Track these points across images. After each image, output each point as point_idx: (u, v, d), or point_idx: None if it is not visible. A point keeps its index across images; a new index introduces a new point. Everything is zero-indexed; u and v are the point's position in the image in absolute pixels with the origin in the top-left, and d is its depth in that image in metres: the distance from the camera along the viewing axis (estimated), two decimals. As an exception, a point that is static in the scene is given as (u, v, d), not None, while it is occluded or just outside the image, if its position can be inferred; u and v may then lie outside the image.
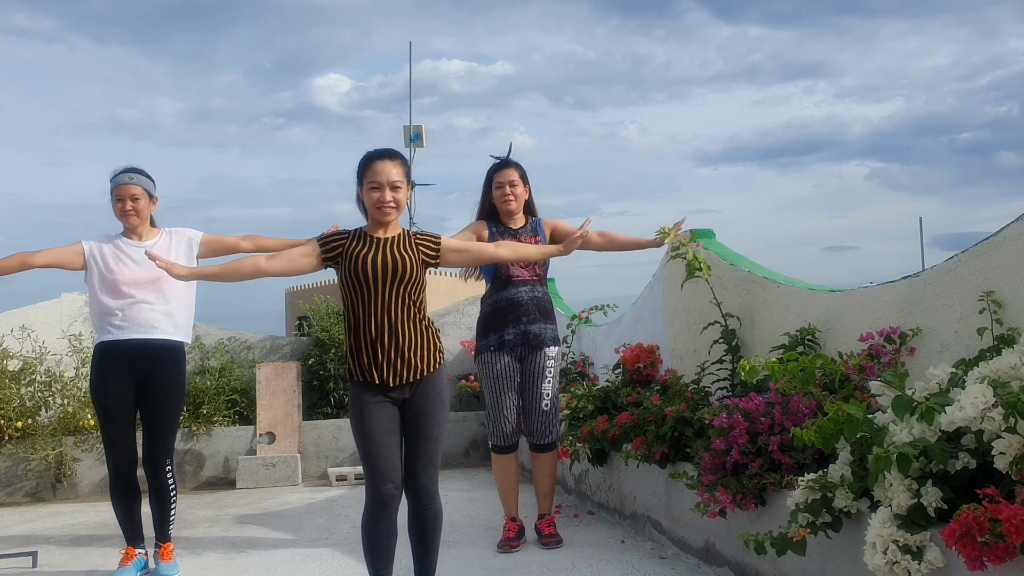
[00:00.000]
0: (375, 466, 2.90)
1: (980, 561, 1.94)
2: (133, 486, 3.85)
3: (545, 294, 4.19)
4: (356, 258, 2.92)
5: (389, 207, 2.96)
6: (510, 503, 4.19)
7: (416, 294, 2.98)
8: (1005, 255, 2.74)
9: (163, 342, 3.82)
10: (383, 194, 2.95)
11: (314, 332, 7.52)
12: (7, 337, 6.53)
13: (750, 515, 3.11)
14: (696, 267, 4.11)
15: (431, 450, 2.98)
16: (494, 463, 4.23)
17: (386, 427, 2.93)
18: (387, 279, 2.91)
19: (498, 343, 4.09)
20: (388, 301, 2.92)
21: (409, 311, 2.95)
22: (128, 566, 3.83)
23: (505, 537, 4.09)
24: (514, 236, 4.11)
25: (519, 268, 4.09)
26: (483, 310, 4.20)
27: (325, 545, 4.34)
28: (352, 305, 2.95)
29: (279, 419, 6.59)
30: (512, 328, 4.07)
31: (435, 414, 3.00)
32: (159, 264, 3.06)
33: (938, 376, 2.39)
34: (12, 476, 6.19)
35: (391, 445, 2.93)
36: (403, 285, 2.93)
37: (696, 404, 3.79)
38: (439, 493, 3.02)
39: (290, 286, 15.54)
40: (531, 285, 4.11)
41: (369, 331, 2.91)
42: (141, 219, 3.90)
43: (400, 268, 2.92)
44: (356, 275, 2.91)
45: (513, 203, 4.13)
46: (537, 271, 4.14)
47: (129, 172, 3.89)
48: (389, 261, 2.91)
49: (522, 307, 4.08)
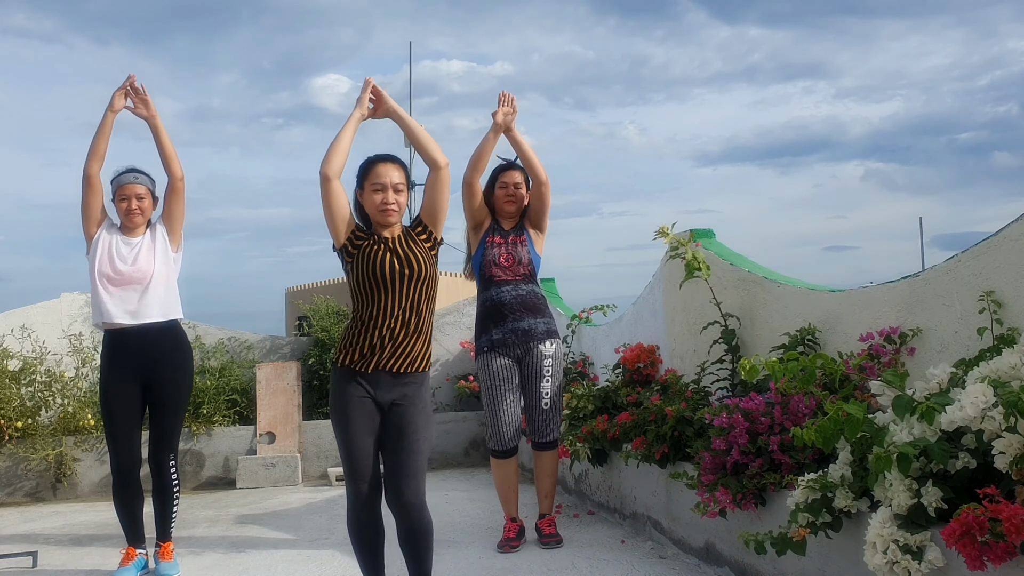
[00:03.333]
0: (354, 465, 2.90)
1: (980, 561, 1.94)
2: (136, 485, 3.86)
3: (532, 291, 4.19)
4: (376, 259, 2.91)
5: (392, 209, 2.96)
6: (510, 504, 4.19)
7: (429, 291, 2.97)
8: (1005, 255, 2.74)
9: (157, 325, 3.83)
10: (387, 195, 2.95)
11: (314, 332, 7.51)
12: (7, 337, 6.53)
13: (750, 515, 3.11)
14: (696, 267, 4.11)
15: (416, 463, 2.90)
16: (493, 467, 4.24)
17: (365, 426, 2.90)
18: (405, 280, 2.90)
19: (489, 344, 4.12)
20: (403, 300, 2.90)
21: (420, 308, 2.94)
22: (129, 566, 3.82)
23: (505, 537, 4.09)
24: (503, 235, 4.18)
25: (500, 269, 4.13)
26: (476, 310, 4.27)
27: (325, 545, 4.34)
28: (368, 305, 2.91)
29: (279, 419, 6.59)
30: (499, 328, 4.10)
31: (420, 425, 2.94)
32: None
33: (938, 376, 2.39)
34: (12, 476, 6.18)
35: (369, 445, 2.91)
36: (418, 283, 2.93)
37: (696, 404, 3.79)
38: (427, 506, 2.95)
39: (290, 286, 15.53)
40: (514, 284, 4.13)
41: (381, 330, 2.88)
42: (144, 218, 3.92)
43: (418, 268, 2.92)
44: (376, 275, 2.89)
45: (514, 205, 4.20)
46: (521, 271, 4.15)
47: (132, 172, 3.90)
48: (404, 263, 2.91)
49: (506, 306, 4.10)
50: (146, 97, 3.87)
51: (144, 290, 3.82)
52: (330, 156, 2.96)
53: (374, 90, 3.08)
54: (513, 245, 4.17)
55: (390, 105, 3.09)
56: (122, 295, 3.79)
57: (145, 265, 3.83)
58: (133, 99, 3.87)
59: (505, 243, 4.16)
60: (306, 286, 14.37)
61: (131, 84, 3.83)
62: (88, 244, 3.88)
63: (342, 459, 2.95)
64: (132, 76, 3.82)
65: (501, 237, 4.18)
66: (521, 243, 4.19)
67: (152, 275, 3.83)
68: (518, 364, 4.14)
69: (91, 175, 3.81)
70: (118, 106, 3.83)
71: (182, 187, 3.93)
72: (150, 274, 3.83)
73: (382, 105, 3.10)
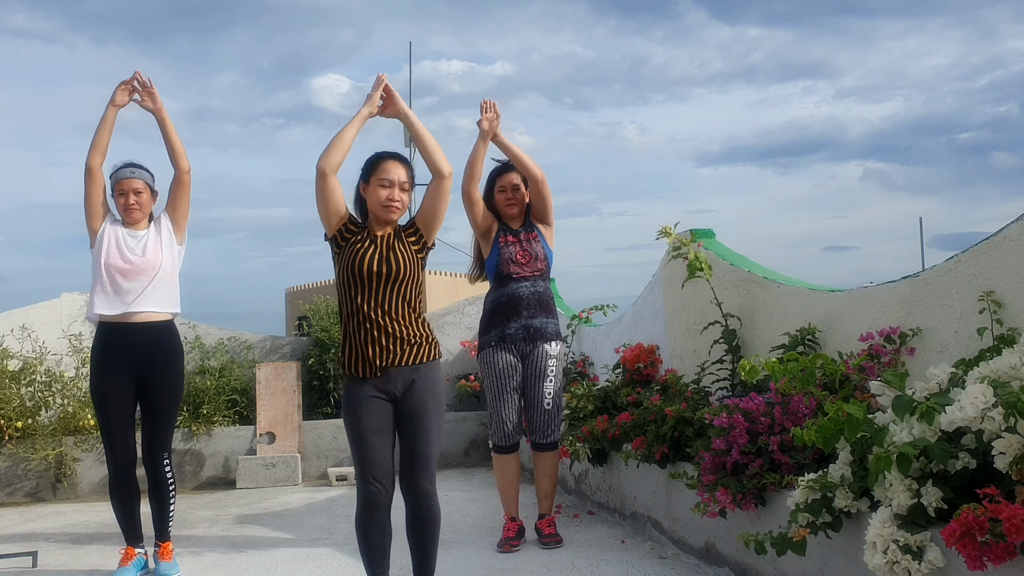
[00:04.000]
0: (365, 465, 2.90)
1: (980, 561, 1.94)
2: (132, 484, 3.86)
3: (547, 289, 4.22)
4: (360, 255, 2.92)
5: (396, 206, 2.97)
6: (510, 503, 4.19)
7: (411, 293, 2.96)
8: (1005, 255, 2.74)
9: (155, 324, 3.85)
10: (392, 192, 2.96)
11: (314, 332, 7.52)
12: (7, 337, 6.53)
13: (750, 515, 3.11)
14: (696, 267, 4.12)
15: (428, 451, 2.94)
16: (495, 463, 4.24)
17: (377, 425, 2.91)
18: (382, 278, 2.90)
19: (499, 338, 4.12)
20: (383, 299, 2.91)
21: (403, 309, 2.93)
22: (128, 566, 3.83)
23: (505, 536, 4.09)
24: (515, 234, 4.20)
25: (519, 266, 4.13)
26: (485, 307, 4.25)
27: (325, 545, 4.34)
28: (348, 299, 2.94)
29: (279, 419, 6.59)
30: (514, 322, 4.11)
31: (431, 413, 2.96)
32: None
33: (938, 376, 2.39)
34: (12, 476, 6.19)
35: (382, 444, 2.91)
36: (399, 284, 2.92)
37: (696, 404, 3.79)
38: (438, 494, 3.00)
39: (290, 286, 15.51)
40: (532, 280, 4.15)
41: (364, 326, 2.90)
42: (144, 213, 3.93)
43: (396, 268, 2.91)
44: (354, 272, 2.91)
45: (516, 207, 4.23)
46: (538, 267, 4.18)
47: (130, 166, 3.92)
48: (384, 262, 2.91)
49: (523, 301, 4.11)
50: (152, 90, 3.93)
51: (151, 281, 3.84)
52: (330, 151, 2.95)
53: (386, 88, 3.07)
54: (527, 242, 4.19)
55: (400, 106, 3.08)
56: (130, 286, 3.81)
57: (154, 257, 3.87)
58: (140, 93, 3.92)
59: (519, 241, 4.19)
60: (306, 286, 14.35)
61: (137, 79, 3.88)
62: (92, 239, 3.89)
63: (354, 460, 2.96)
64: (138, 72, 3.88)
65: (513, 236, 4.20)
66: (534, 239, 4.21)
67: (160, 266, 3.87)
68: (521, 362, 4.15)
69: (92, 167, 3.84)
70: (120, 100, 3.88)
71: (188, 180, 3.98)
72: (158, 265, 3.87)
73: (392, 104, 3.08)
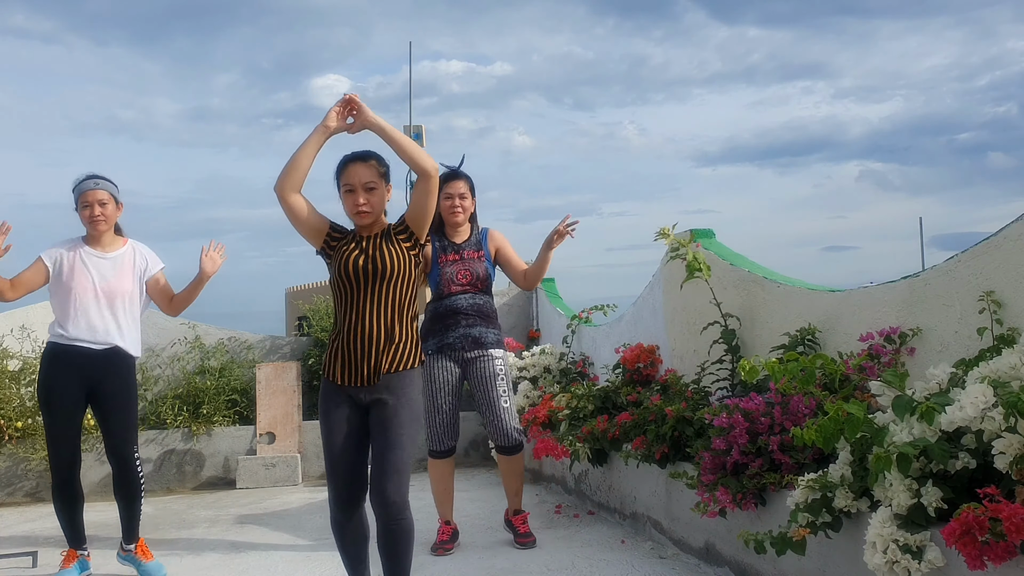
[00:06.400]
0: (332, 466, 2.90)
1: (980, 560, 1.94)
2: (77, 486, 3.84)
3: (487, 302, 4.16)
4: (345, 258, 2.89)
5: (363, 210, 2.90)
6: (445, 507, 4.19)
7: (403, 291, 2.92)
8: (1005, 255, 2.74)
9: (115, 350, 3.82)
10: (356, 196, 2.90)
11: (314, 332, 7.52)
12: (7, 337, 6.52)
13: (750, 515, 3.11)
14: (696, 267, 4.12)
15: (399, 459, 2.83)
16: (430, 467, 4.20)
17: (348, 430, 2.88)
18: (371, 279, 2.86)
19: (436, 347, 4.06)
20: (375, 300, 2.87)
21: (396, 309, 2.90)
22: (71, 567, 3.84)
23: (439, 540, 4.08)
24: (457, 251, 4.11)
25: (459, 286, 4.07)
26: (425, 316, 4.17)
27: (325, 545, 4.33)
28: (341, 304, 2.92)
29: (279, 419, 6.59)
30: (452, 332, 4.05)
31: (403, 420, 2.87)
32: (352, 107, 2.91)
33: (938, 376, 2.40)
34: (12, 476, 6.18)
35: (352, 449, 2.89)
36: (388, 283, 2.88)
37: (696, 404, 3.79)
38: (409, 506, 2.87)
39: (290, 286, 15.50)
40: (471, 294, 4.09)
41: (355, 331, 2.87)
42: (108, 224, 3.88)
43: (382, 266, 2.86)
44: (344, 275, 2.88)
45: (461, 215, 4.12)
46: (479, 286, 4.11)
47: (93, 178, 3.85)
48: (371, 261, 2.87)
49: (461, 312, 4.06)
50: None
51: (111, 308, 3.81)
52: (284, 174, 2.87)
53: (353, 103, 2.91)
54: (470, 261, 4.11)
55: (368, 118, 2.90)
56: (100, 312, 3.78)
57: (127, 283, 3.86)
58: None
59: (460, 259, 4.09)
60: (306, 286, 14.33)
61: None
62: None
63: (326, 465, 2.95)
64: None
65: (455, 253, 4.11)
66: (478, 258, 4.13)
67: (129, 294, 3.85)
68: (463, 370, 4.10)
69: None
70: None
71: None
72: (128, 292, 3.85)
73: (361, 118, 2.92)
